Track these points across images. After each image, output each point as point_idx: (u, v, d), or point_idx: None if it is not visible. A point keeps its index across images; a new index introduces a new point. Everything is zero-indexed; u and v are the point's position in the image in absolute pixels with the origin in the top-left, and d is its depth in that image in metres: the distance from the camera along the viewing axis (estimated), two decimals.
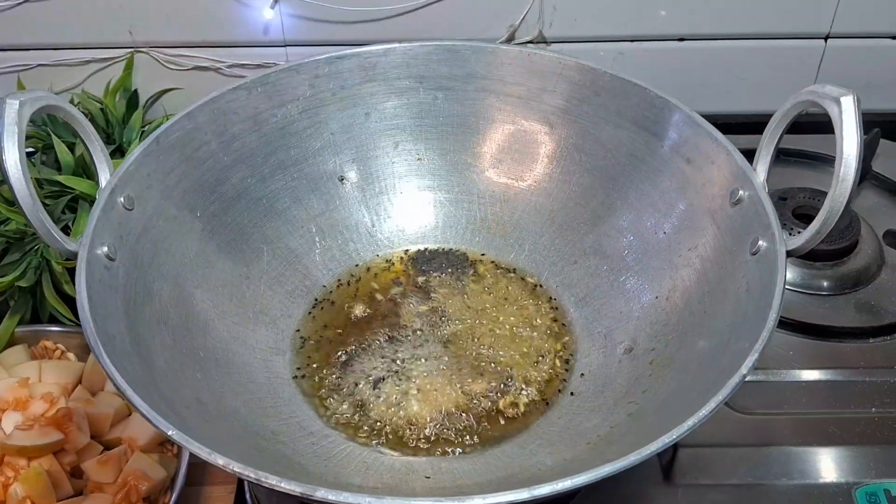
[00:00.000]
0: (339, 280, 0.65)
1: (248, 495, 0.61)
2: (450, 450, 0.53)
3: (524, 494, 0.37)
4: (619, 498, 0.56)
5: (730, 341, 0.48)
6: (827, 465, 0.58)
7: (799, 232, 0.50)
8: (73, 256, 0.49)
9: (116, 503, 0.57)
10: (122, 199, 0.53)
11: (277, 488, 0.37)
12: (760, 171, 0.53)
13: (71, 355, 0.68)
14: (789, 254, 0.49)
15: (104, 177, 0.53)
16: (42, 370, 0.65)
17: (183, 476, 0.58)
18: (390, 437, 0.54)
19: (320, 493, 0.37)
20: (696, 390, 0.46)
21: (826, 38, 0.86)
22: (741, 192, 0.53)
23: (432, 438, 0.54)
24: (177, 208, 0.57)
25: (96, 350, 0.43)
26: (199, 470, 0.62)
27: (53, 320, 0.69)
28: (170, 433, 0.39)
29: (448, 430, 0.54)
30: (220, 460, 0.38)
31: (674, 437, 0.40)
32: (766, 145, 0.53)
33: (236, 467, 0.38)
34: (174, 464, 0.60)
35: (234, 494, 0.62)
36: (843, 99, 0.46)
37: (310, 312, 0.63)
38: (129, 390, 0.41)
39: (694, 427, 0.40)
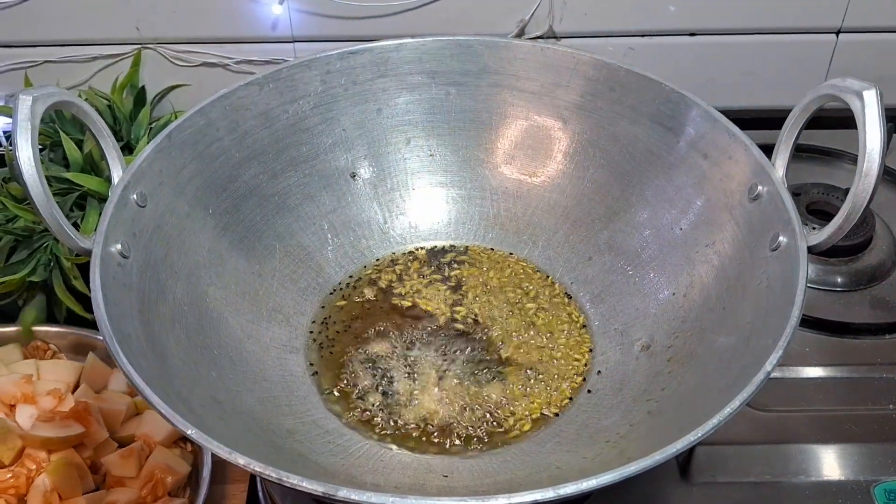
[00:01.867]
0: (351, 277, 0.65)
1: (261, 493, 0.60)
2: (467, 448, 0.53)
3: (549, 494, 0.36)
4: (636, 495, 0.55)
5: (751, 338, 0.47)
6: (845, 462, 0.57)
7: (814, 228, 0.50)
8: (85, 254, 0.48)
9: (143, 497, 0.57)
10: (134, 196, 0.52)
11: (299, 488, 0.37)
12: (779, 165, 0.53)
13: (62, 356, 0.68)
14: (810, 249, 0.48)
15: (116, 174, 0.53)
16: (39, 368, 0.65)
17: (209, 472, 0.58)
18: (407, 434, 0.54)
19: (343, 493, 0.37)
20: (716, 388, 0.45)
21: (838, 33, 0.86)
22: (760, 187, 0.52)
23: (449, 436, 0.54)
24: (189, 205, 0.57)
25: (113, 349, 0.43)
26: (212, 467, 0.62)
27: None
28: (189, 432, 0.39)
29: (464, 428, 0.54)
30: (240, 459, 0.38)
31: (699, 435, 0.39)
32: (786, 140, 0.53)
33: (257, 467, 0.38)
34: (191, 459, 0.60)
35: (246, 493, 0.61)
36: (865, 93, 0.46)
37: (323, 309, 0.62)
38: (147, 389, 0.40)
39: (718, 425, 0.40)
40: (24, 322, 0.68)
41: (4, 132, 0.84)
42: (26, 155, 0.45)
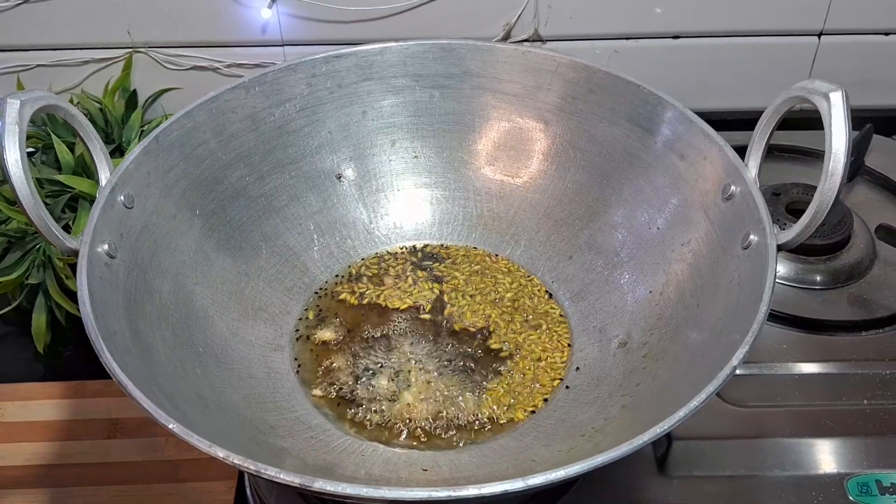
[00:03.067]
0: (337, 277, 0.66)
1: (248, 490, 0.61)
2: (447, 443, 0.54)
3: (518, 484, 0.38)
4: (615, 490, 0.56)
5: (722, 334, 0.48)
6: (819, 456, 0.58)
7: (792, 227, 0.51)
8: (72, 254, 0.50)
9: None
10: (122, 197, 0.53)
11: (277, 479, 0.38)
12: (752, 166, 0.54)
13: None
14: (780, 248, 0.49)
15: (104, 175, 0.54)
16: None
17: None
18: (388, 430, 0.55)
19: (318, 485, 0.38)
20: (688, 382, 0.46)
21: (819, 35, 0.87)
22: (733, 187, 0.54)
23: (429, 432, 0.55)
24: (176, 206, 0.58)
25: (97, 346, 0.44)
26: (198, 465, 0.63)
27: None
28: (170, 426, 0.40)
29: (445, 423, 0.55)
30: (220, 453, 0.39)
31: (665, 427, 0.40)
32: (758, 141, 0.54)
33: (236, 459, 0.39)
34: None
35: (234, 489, 0.62)
36: (832, 94, 0.47)
37: (308, 309, 0.63)
38: (130, 385, 0.42)
39: (685, 418, 0.41)
40: (37, 329, 0.70)
41: None
42: (14, 157, 0.47)
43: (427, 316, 0.63)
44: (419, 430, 0.55)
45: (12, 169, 0.47)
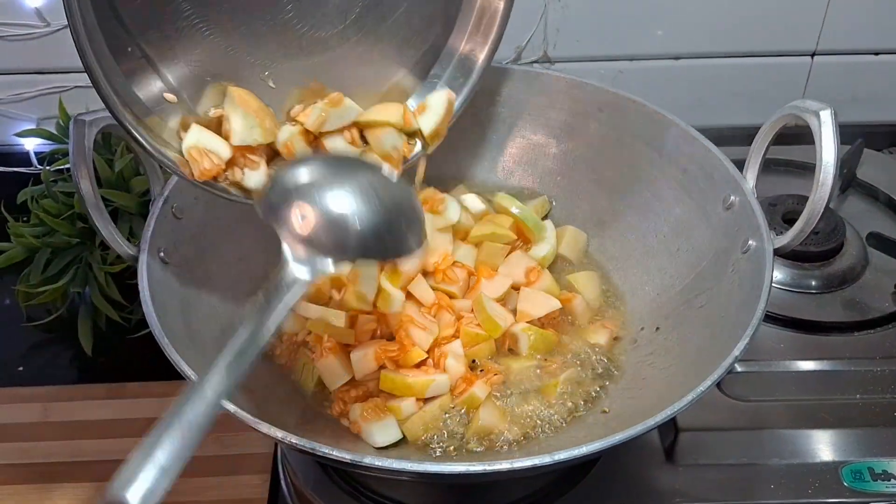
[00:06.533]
0: None
1: (283, 482, 0.65)
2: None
3: (546, 459, 0.42)
4: (626, 476, 0.60)
5: (724, 330, 0.53)
6: (816, 446, 0.62)
7: (787, 232, 0.55)
8: (132, 261, 0.54)
9: None
10: (172, 209, 0.58)
11: (330, 456, 0.43)
12: (750, 178, 0.59)
13: None
14: (776, 251, 0.54)
15: (157, 188, 0.58)
16: None
17: None
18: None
19: (367, 460, 0.42)
20: (693, 373, 0.50)
21: (813, 55, 0.91)
22: (733, 197, 0.58)
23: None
24: (222, 218, 0.61)
25: (161, 341, 0.48)
26: (234, 461, 0.67)
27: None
28: (232, 410, 0.45)
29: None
30: (278, 433, 0.44)
31: (675, 409, 0.45)
32: (755, 155, 0.59)
33: (293, 440, 0.43)
34: None
35: (268, 482, 0.66)
36: (821, 112, 0.52)
37: None
38: (196, 377, 0.46)
39: (692, 402, 0.45)
40: (83, 334, 0.74)
41: (36, 153, 0.90)
42: (84, 174, 0.51)
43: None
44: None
45: (83, 185, 0.51)
